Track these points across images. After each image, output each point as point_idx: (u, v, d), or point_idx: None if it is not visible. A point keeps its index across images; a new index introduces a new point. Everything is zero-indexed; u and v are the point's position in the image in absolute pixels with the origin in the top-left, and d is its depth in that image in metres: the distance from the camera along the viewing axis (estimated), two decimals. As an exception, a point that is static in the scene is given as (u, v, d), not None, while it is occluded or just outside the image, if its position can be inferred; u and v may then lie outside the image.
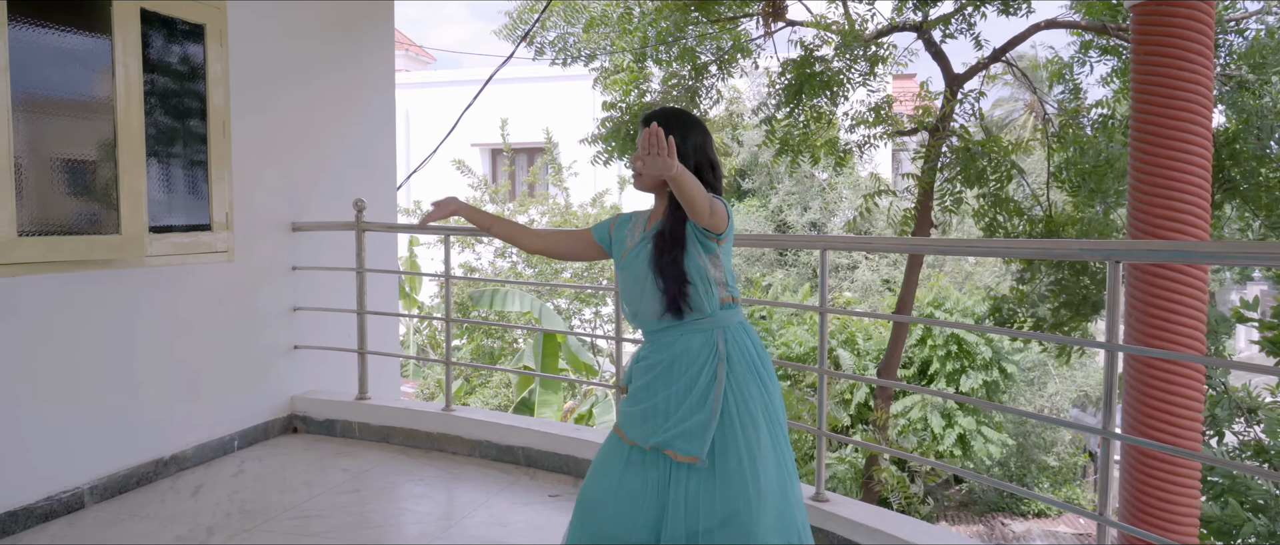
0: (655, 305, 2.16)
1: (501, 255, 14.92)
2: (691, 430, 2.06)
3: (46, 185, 3.29)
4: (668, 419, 2.09)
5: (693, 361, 2.11)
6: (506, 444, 4.12)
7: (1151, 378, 4.17)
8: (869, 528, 2.85)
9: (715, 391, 2.08)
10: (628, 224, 2.34)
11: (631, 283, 2.22)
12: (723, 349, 2.12)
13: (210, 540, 3.13)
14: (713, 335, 2.14)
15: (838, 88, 6.06)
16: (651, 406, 2.13)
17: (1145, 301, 4.18)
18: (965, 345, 10.25)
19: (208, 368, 4.08)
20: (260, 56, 4.28)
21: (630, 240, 2.27)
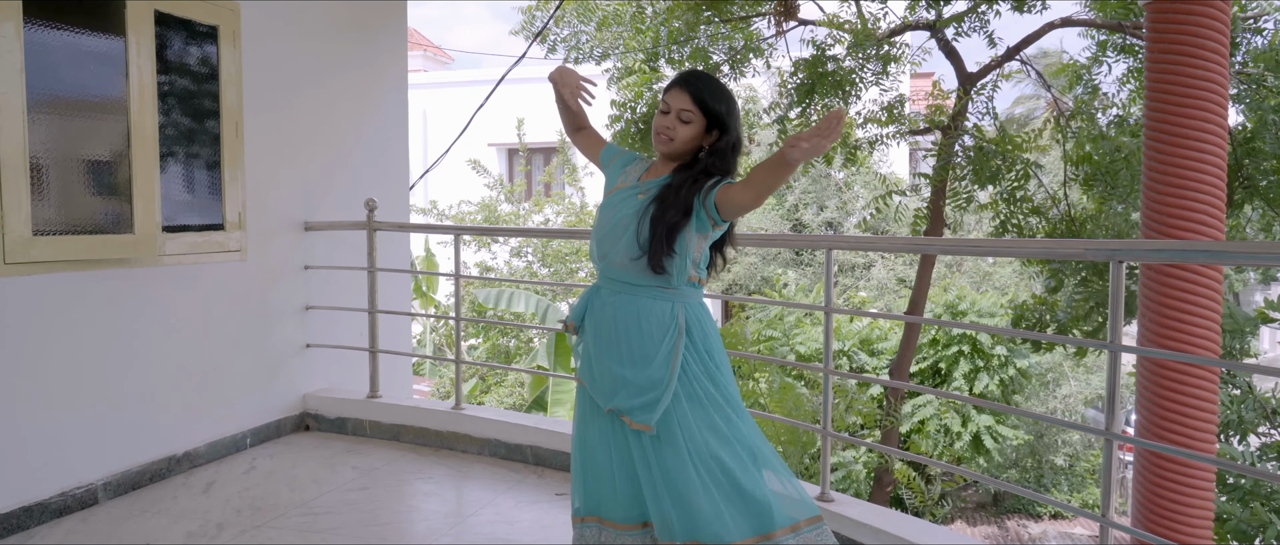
0: (628, 255, 2.11)
1: (517, 254, 14.96)
2: (649, 402, 2.05)
3: (61, 185, 3.34)
4: (626, 385, 2.08)
5: (652, 328, 2.09)
6: (515, 443, 4.14)
7: (1165, 379, 4.12)
8: (873, 528, 2.84)
9: (673, 362, 2.06)
10: (628, 163, 2.29)
11: (610, 224, 2.17)
12: (682, 321, 2.10)
13: (219, 536, 3.17)
14: (674, 305, 2.11)
15: (850, 87, 6.04)
16: (609, 370, 2.12)
17: (1159, 302, 4.14)
18: (980, 346, 10.18)
19: (221, 366, 4.13)
20: (274, 57, 4.32)
21: (623, 180, 2.23)
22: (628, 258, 2.10)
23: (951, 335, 10.47)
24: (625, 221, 2.13)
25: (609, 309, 2.15)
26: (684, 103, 2.11)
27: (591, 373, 2.18)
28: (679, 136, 2.11)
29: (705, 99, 2.10)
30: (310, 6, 4.57)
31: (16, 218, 3.13)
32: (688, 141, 2.12)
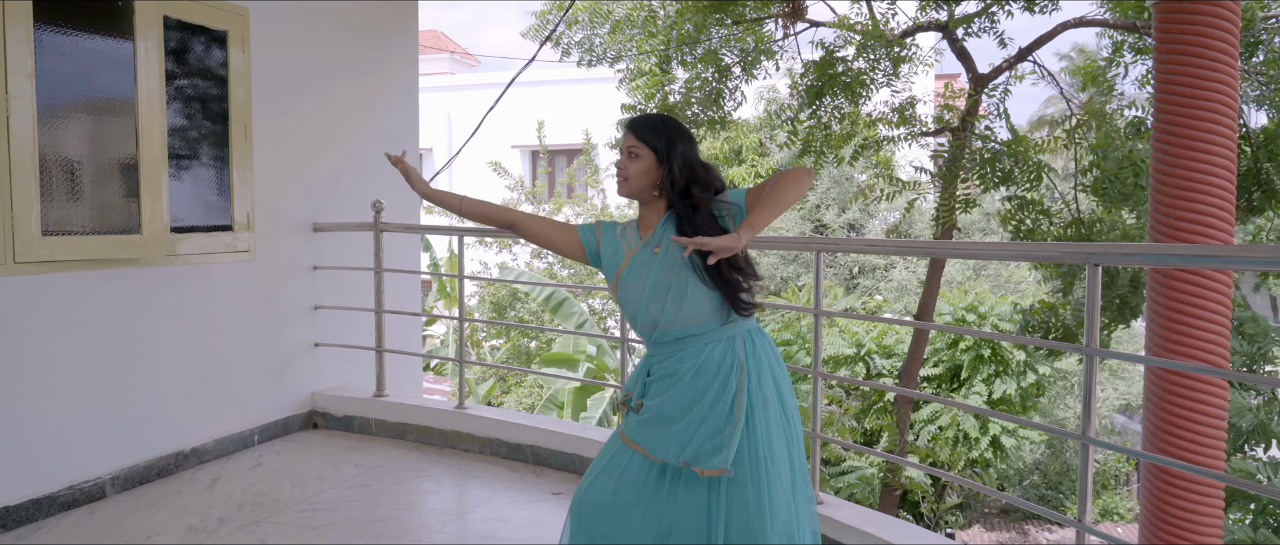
0: (683, 311, 2.08)
1: (537, 255, 15.04)
2: (721, 443, 2.01)
3: (70, 186, 3.43)
4: (696, 433, 2.04)
5: (717, 371, 2.06)
6: (516, 442, 4.17)
7: (1172, 388, 4.06)
8: (857, 529, 2.84)
9: (738, 401, 2.03)
10: (615, 232, 2.26)
11: (646, 292, 2.12)
12: (742, 356, 2.08)
13: (219, 530, 3.23)
14: (734, 343, 2.09)
15: (861, 88, 6.01)
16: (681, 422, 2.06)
17: (1166, 307, 4.08)
18: (999, 350, 10.07)
19: (230, 364, 4.21)
20: (284, 61, 4.40)
21: (627, 247, 2.20)
22: (691, 303, 2.08)
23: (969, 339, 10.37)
24: (664, 280, 2.10)
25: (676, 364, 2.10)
26: (629, 140, 2.18)
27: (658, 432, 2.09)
28: (631, 172, 2.16)
29: (644, 134, 2.16)
30: (320, 10, 4.65)
31: (26, 218, 3.22)
32: (641, 176, 2.15)
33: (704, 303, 2.08)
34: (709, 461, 2.01)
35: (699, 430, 2.04)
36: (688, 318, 2.09)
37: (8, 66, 3.12)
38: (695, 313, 2.08)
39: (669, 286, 2.09)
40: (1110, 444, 2.15)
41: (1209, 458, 4.01)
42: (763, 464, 2.04)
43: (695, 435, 2.04)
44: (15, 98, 3.15)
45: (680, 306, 2.08)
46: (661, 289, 2.10)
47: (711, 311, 2.09)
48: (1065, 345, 2.17)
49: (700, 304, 2.08)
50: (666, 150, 2.14)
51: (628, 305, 2.18)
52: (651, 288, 2.11)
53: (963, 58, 6.32)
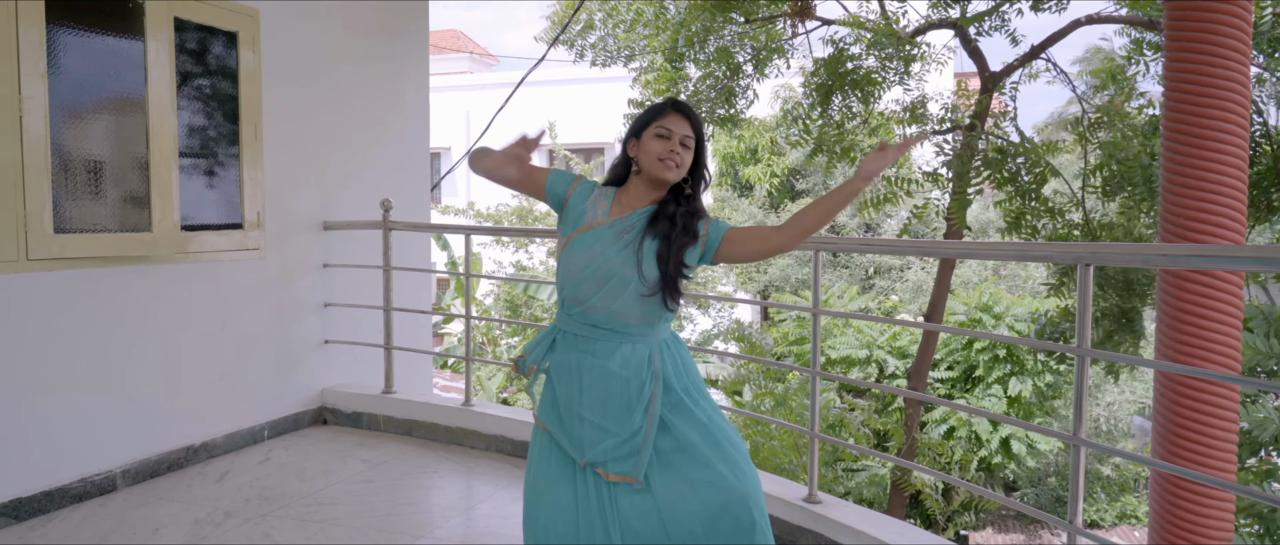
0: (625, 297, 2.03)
1: (552, 253, 15.10)
2: (632, 449, 2.00)
3: (82, 184, 3.49)
4: (608, 435, 2.01)
5: (634, 376, 2.03)
6: (521, 439, 4.20)
7: (1181, 393, 4.02)
8: (854, 529, 2.84)
9: (651, 410, 2.02)
10: (589, 195, 2.15)
11: (585, 263, 2.05)
12: (659, 365, 2.06)
13: (225, 523, 3.28)
14: (651, 348, 2.07)
15: (871, 87, 5.99)
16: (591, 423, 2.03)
17: (1175, 309, 4.04)
18: (1014, 351, 9.99)
19: (240, 360, 4.26)
20: (294, 60, 4.45)
21: (592, 216, 2.10)
22: (623, 300, 2.03)
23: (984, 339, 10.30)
24: (613, 264, 2.04)
25: (586, 356, 2.07)
26: (686, 130, 2.08)
27: (562, 421, 2.08)
28: (684, 164, 2.08)
29: (699, 126, 2.11)
30: (330, 10, 4.69)
31: (39, 215, 3.28)
32: (686, 168, 2.10)
33: (636, 304, 2.04)
34: (618, 467, 2.00)
35: (610, 435, 2.01)
36: (616, 311, 2.05)
37: (21, 67, 3.18)
38: (624, 309, 2.04)
39: (612, 275, 2.04)
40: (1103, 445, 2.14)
41: (1220, 462, 3.97)
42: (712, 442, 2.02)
43: (605, 439, 2.02)
44: (29, 97, 3.21)
45: (615, 298, 2.04)
46: (604, 274, 2.04)
47: (639, 314, 2.05)
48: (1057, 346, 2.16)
49: (632, 304, 2.04)
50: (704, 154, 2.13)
51: (564, 271, 2.10)
52: (596, 266, 2.04)
53: (975, 56, 6.28)
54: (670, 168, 2.06)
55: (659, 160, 2.06)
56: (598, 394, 2.04)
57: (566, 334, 2.11)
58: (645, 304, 2.04)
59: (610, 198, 2.15)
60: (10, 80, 3.16)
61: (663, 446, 2.03)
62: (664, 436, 2.04)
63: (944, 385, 10.46)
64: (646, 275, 2.03)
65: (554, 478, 2.07)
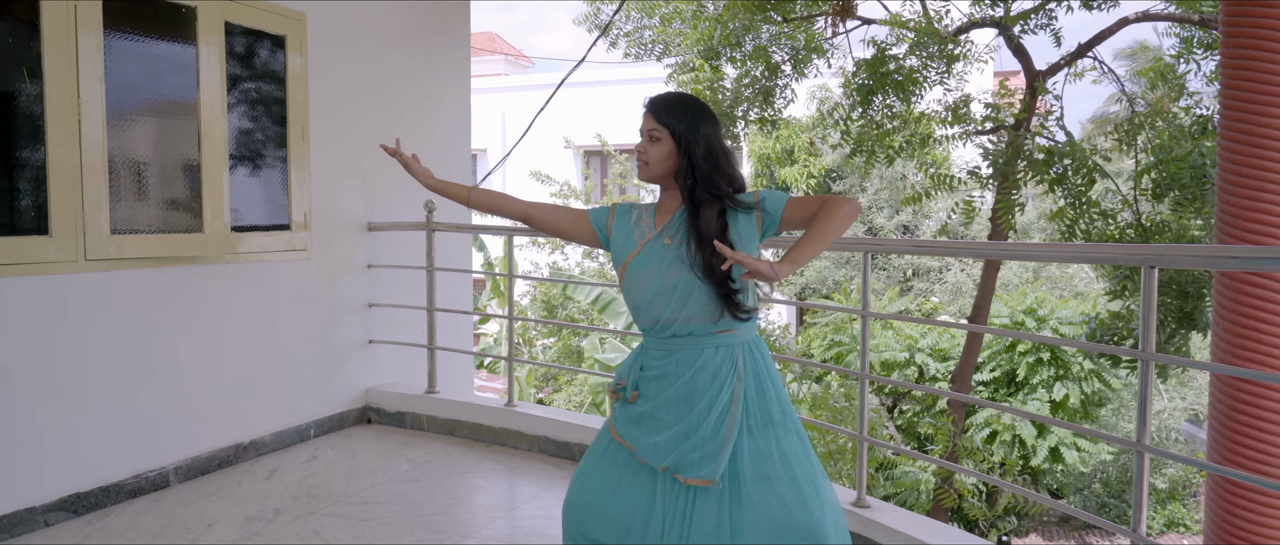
0: (686, 310, 2.01)
1: (589, 255, 15.13)
2: (709, 454, 1.96)
3: (137, 186, 3.56)
4: (685, 441, 1.99)
5: (712, 379, 2.00)
6: (564, 440, 4.21)
7: (1239, 397, 3.91)
8: (905, 534, 2.80)
9: (732, 412, 1.98)
10: (629, 217, 2.15)
11: (648, 284, 2.05)
12: (741, 367, 2.02)
13: (275, 521, 3.33)
14: (734, 350, 2.03)
15: (913, 87, 5.91)
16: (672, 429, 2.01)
17: (1233, 312, 3.94)
18: (1058, 355, 9.81)
19: (287, 360, 4.32)
20: (339, 63, 4.50)
21: (640, 236, 2.10)
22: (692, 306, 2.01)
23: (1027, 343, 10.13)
24: (672, 275, 2.03)
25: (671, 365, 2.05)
26: (649, 123, 2.07)
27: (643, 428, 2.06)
28: (651, 157, 2.07)
29: (663, 115, 2.05)
30: (374, 11, 4.74)
31: (97, 217, 3.35)
32: (661, 161, 2.06)
33: (707, 304, 2.01)
34: (695, 471, 1.96)
35: (689, 439, 1.99)
36: (689, 317, 2.02)
37: (80, 71, 3.25)
38: (697, 313, 2.01)
39: (676, 283, 2.02)
40: (1167, 452, 2.09)
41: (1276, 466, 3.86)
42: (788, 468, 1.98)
43: (684, 443, 1.99)
44: (86, 101, 3.28)
45: (684, 304, 2.01)
46: (669, 285, 2.02)
47: (713, 314, 2.01)
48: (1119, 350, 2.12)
49: (703, 305, 2.01)
50: (688, 134, 2.03)
51: (631, 296, 2.09)
52: (658, 282, 2.04)
53: (1019, 55, 6.17)
54: (639, 166, 2.08)
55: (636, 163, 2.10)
56: (681, 401, 2.02)
57: (652, 355, 2.10)
58: (717, 304, 2.02)
59: (652, 211, 2.15)
60: (70, 84, 3.23)
61: (739, 460, 1.99)
62: (742, 449, 2.00)
63: (986, 388, 10.29)
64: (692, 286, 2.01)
65: (626, 482, 2.05)
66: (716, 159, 2.03)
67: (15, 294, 3.13)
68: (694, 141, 2.02)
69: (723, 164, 2.04)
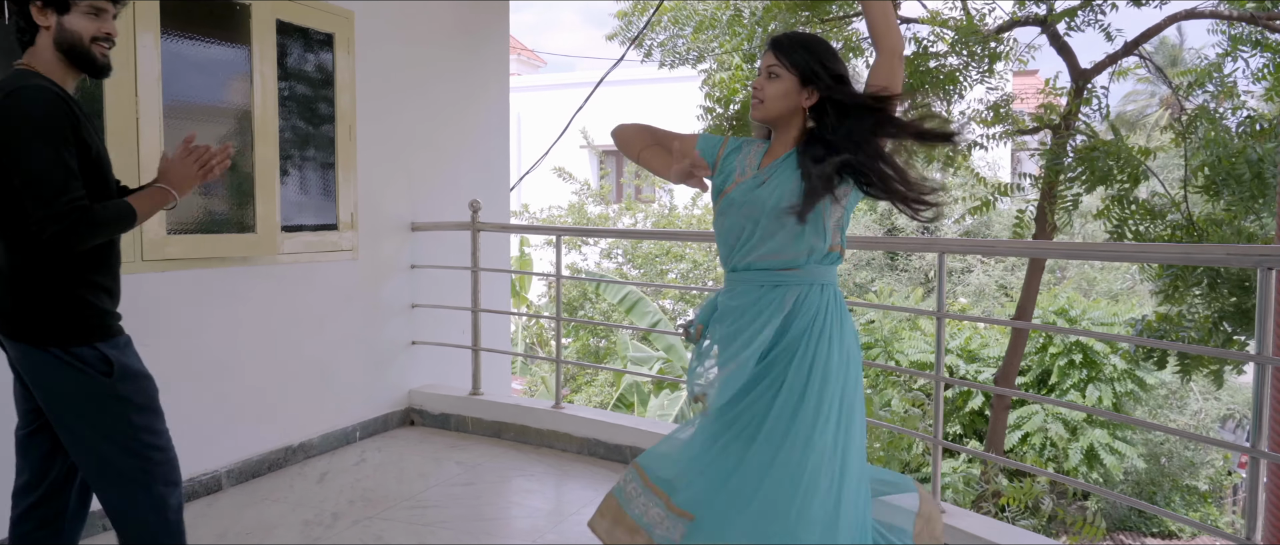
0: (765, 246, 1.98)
1: (607, 256, 15.08)
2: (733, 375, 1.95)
3: (192, 187, 3.52)
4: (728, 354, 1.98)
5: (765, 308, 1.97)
6: (615, 443, 4.16)
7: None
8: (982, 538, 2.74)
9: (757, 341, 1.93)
10: (738, 153, 2.11)
11: (738, 222, 2.02)
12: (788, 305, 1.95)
13: (334, 525, 3.28)
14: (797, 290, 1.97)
15: (954, 85, 5.84)
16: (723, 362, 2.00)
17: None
18: (1091, 355, 9.71)
19: (334, 361, 4.28)
20: (383, 63, 4.46)
21: (739, 173, 2.06)
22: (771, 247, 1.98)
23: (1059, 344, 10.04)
24: (755, 215, 1.99)
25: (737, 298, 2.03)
26: (768, 59, 2.02)
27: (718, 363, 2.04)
28: (768, 94, 2.00)
29: (787, 52, 1.99)
30: (416, 10, 4.70)
31: (154, 217, 3.30)
32: (778, 99, 1.99)
33: (789, 241, 1.96)
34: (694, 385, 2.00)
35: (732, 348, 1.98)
36: (765, 253, 1.99)
37: (138, 71, 3.21)
38: (775, 249, 1.98)
39: (757, 221, 1.99)
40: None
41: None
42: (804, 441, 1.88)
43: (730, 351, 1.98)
44: (144, 101, 3.25)
45: (765, 240, 1.99)
46: (752, 224, 2.00)
47: (792, 251, 1.97)
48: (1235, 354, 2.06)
49: (784, 241, 1.97)
50: (815, 71, 1.94)
51: (718, 231, 2.08)
52: (743, 216, 2.01)
53: (1064, 53, 6.09)
54: (754, 104, 2.03)
55: (752, 103, 2.06)
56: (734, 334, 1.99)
57: (726, 291, 2.08)
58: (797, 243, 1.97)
59: (762, 152, 2.09)
60: (128, 84, 3.19)
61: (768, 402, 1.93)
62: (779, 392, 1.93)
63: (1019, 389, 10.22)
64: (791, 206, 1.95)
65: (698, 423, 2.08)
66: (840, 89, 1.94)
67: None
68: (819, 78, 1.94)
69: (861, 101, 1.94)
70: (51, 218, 1.82)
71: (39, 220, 1.82)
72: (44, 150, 1.82)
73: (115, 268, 2.09)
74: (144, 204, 2.03)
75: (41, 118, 1.83)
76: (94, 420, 1.98)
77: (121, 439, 2.01)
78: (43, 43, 1.93)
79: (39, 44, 1.93)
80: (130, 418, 2.01)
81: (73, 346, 1.94)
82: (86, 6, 1.91)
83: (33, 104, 1.83)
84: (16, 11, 1.91)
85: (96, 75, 1.99)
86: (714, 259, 14.14)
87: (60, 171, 1.83)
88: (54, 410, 1.99)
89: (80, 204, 1.86)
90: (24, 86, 1.85)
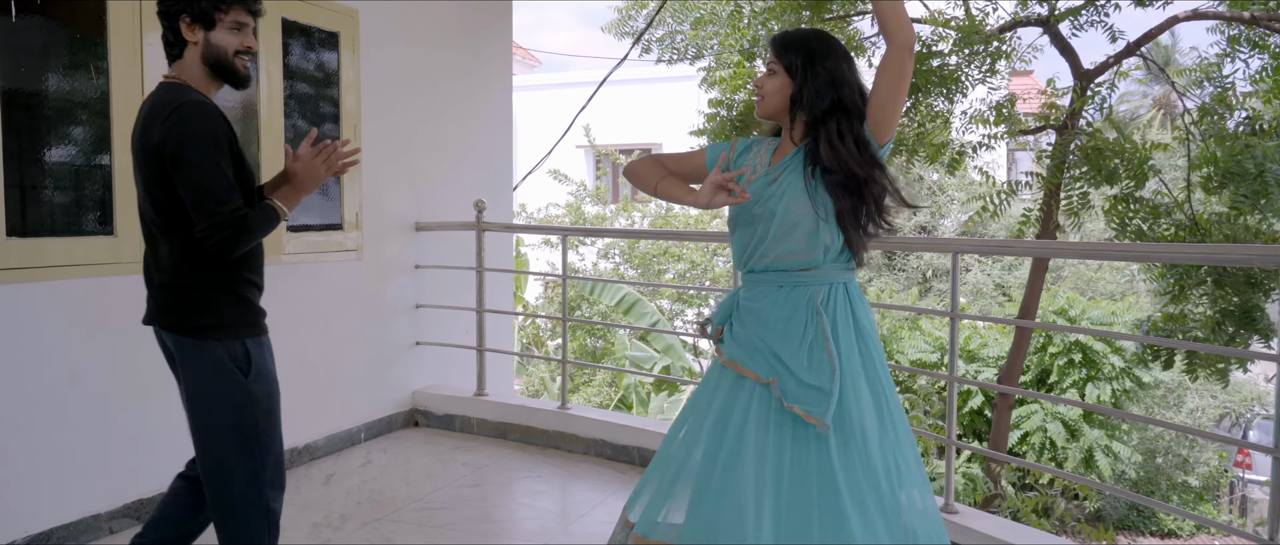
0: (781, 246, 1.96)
1: (604, 256, 15.06)
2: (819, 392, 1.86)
3: (198, 186, 3.49)
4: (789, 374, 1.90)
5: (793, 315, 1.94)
6: (622, 444, 4.14)
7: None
8: (1000, 540, 2.73)
9: (827, 350, 1.88)
10: (748, 152, 2.10)
11: (749, 223, 2.01)
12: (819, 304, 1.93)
13: (343, 527, 3.26)
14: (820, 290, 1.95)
15: (955, 85, 5.84)
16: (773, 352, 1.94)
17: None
18: (1090, 354, 9.74)
19: (339, 362, 4.26)
20: (387, 63, 4.44)
21: (751, 172, 2.05)
22: (789, 247, 1.96)
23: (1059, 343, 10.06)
24: (770, 210, 1.98)
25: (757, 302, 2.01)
26: (769, 56, 2.05)
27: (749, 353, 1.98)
28: (766, 91, 2.02)
29: (780, 49, 2.00)
30: (420, 10, 4.67)
31: (159, 217, 3.28)
32: (773, 94, 2.00)
33: (804, 241, 1.95)
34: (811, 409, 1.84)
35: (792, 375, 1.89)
36: (782, 253, 1.97)
37: (144, 71, 3.18)
38: (791, 250, 1.96)
39: (773, 216, 1.97)
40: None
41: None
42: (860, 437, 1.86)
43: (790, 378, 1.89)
44: (151, 99, 3.21)
45: (780, 241, 1.97)
46: (765, 221, 1.98)
47: (808, 251, 1.95)
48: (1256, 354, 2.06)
49: (800, 241, 1.95)
50: (804, 66, 1.95)
51: (732, 232, 2.08)
52: (754, 219, 2.00)
53: (1066, 53, 6.10)
54: (757, 101, 2.06)
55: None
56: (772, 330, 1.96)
57: (745, 293, 2.06)
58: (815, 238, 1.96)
59: (771, 149, 2.09)
60: (134, 83, 3.16)
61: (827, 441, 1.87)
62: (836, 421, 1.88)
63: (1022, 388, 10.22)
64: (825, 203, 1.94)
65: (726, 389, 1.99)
66: (838, 91, 1.94)
67: (84, 295, 3.07)
68: (810, 73, 1.95)
69: (847, 97, 1.94)
70: (215, 226, 1.96)
71: (204, 229, 1.97)
72: (208, 164, 1.97)
73: (261, 265, 2.25)
74: (286, 201, 2.17)
75: (206, 133, 1.98)
76: (222, 415, 2.12)
77: (242, 436, 2.13)
78: (190, 57, 2.07)
79: (186, 58, 2.07)
80: (255, 418, 2.14)
81: (226, 340, 2.10)
82: (230, 22, 2.06)
83: (199, 121, 1.98)
84: (167, 27, 2.07)
85: (238, 86, 2.14)
86: (711, 258, 14.14)
87: (222, 183, 1.98)
88: (191, 399, 2.16)
89: (240, 213, 1.99)
90: (187, 102, 1.99)
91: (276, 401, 2.24)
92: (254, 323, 2.19)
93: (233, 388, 2.10)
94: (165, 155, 1.97)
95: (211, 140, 1.98)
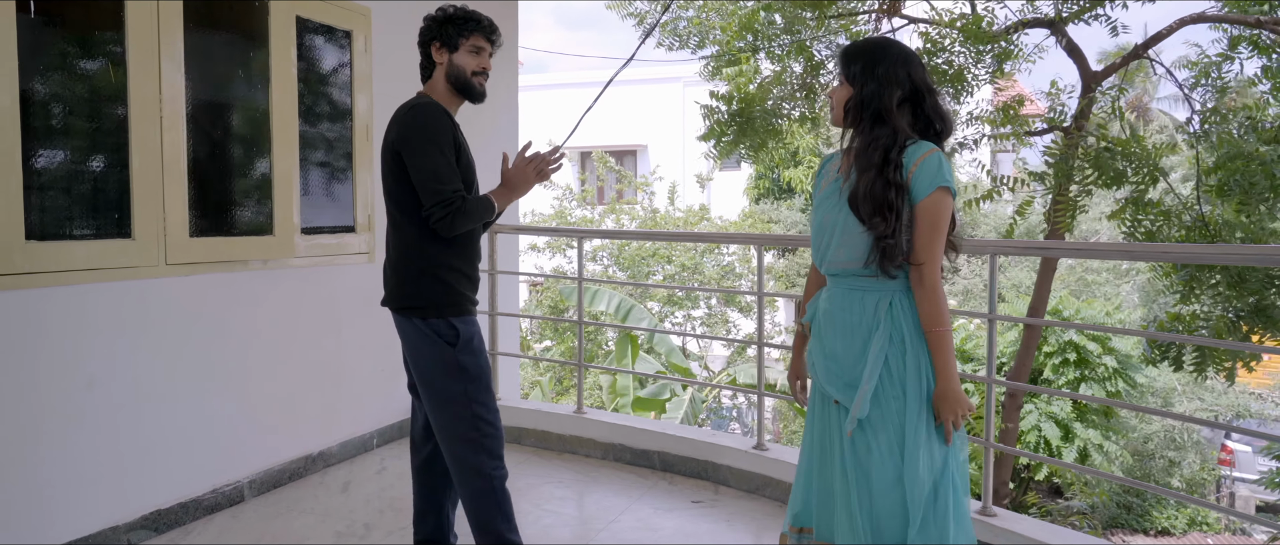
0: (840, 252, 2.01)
1: (593, 258, 15.00)
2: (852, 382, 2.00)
3: (213, 187, 3.41)
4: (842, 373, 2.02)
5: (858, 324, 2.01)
6: (641, 448, 4.09)
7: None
8: (1038, 542, 2.71)
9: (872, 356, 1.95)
10: (830, 162, 2.19)
11: (818, 225, 2.10)
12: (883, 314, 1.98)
13: (368, 536, 3.19)
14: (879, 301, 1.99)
15: (961, 85, 5.85)
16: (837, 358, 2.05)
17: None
18: (1084, 354, 9.81)
19: (351, 366, 4.18)
20: (396, 64, 4.36)
21: (825, 179, 2.14)
22: (845, 255, 2.01)
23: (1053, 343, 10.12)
24: (831, 217, 2.05)
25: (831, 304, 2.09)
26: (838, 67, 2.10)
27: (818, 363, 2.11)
28: (835, 101, 2.08)
29: (842, 59, 2.07)
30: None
31: (176, 219, 3.20)
32: (839, 104, 2.06)
33: (856, 248, 1.98)
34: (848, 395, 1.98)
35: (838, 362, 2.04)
36: (840, 259, 2.03)
37: (161, 72, 3.10)
38: (847, 256, 2.01)
39: (834, 225, 2.04)
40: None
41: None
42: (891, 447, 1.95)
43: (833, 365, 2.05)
44: (168, 102, 3.14)
45: (837, 247, 2.03)
46: (828, 226, 2.06)
47: (861, 257, 1.98)
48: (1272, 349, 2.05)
49: (853, 248, 1.99)
50: (860, 74, 1.99)
51: (812, 235, 2.15)
52: (819, 223, 2.10)
53: (1073, 54, 6.12)
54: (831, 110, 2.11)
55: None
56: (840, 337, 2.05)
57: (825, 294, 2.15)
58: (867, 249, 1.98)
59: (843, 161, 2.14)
60: (152, 84, 3.08)
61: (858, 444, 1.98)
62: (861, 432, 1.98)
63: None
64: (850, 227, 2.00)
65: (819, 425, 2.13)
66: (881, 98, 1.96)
67: (101, 299, 2.98)
68: (865, 80, 1.99)
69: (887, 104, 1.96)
70: (438, 204, 2.32)
71: (429, 207, 2.32)
72: (434, 152, 2.35)
73: (474, 258, 2.55)
74: (499, 199, 2.50)
75: (433, 126, 2.38)
76: (440, 385, 2.44)
77: (457, 405, 2.43)
78: (437, 76, 2.56)
79: (434, 77, 2.56)
80: (466, 387, 2.43)
81: (431, 318, 2.43)
82: (470, 46, 2.54)
83: (427, 116, 2.39)
84: (422, 51, 2.58)
85: (475, 101, 2.59)
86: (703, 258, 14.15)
87: (446, 168, 2.35)
88: (417, 372, 2.50)
89: (460, 195, 2.35)
90: (419, 104, 2.45)
91: (488, 373, 2.50)
92: (457, 303, 2.46)
93: (442, 357, 2.40)
94: (399, 148, 2.34)
95: (437, 134, 2.35)
